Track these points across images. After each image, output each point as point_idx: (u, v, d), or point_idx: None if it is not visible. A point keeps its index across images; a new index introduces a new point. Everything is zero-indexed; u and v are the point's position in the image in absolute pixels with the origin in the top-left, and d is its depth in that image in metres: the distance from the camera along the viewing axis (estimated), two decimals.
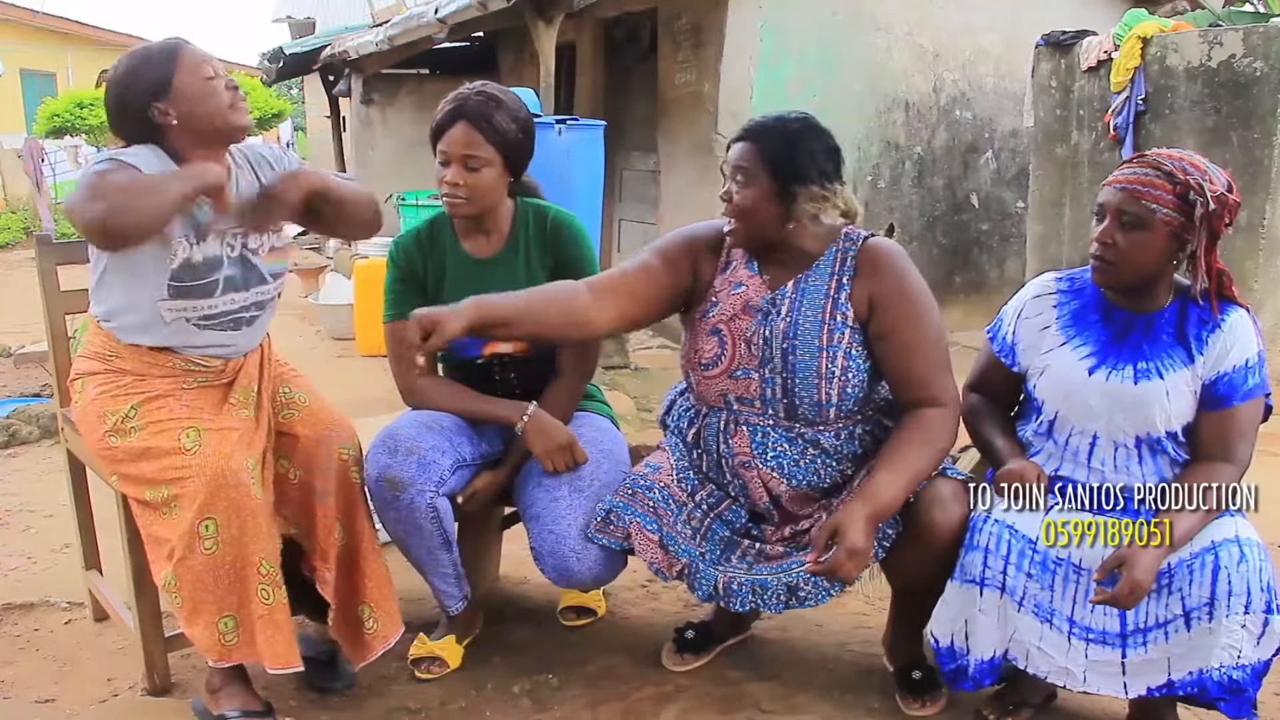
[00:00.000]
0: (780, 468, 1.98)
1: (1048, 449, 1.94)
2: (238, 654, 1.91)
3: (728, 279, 2.04)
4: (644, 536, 1.99)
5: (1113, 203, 1.79)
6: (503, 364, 2.24)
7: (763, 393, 1.97)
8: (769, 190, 1.89)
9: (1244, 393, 1.80)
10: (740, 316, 1.99)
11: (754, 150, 1.91)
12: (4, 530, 3.12)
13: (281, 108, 16.61)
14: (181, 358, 2.02)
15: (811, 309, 1.95)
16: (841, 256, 1.97)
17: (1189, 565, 1.74)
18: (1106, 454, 1.87)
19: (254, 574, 1.88)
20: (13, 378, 5.24)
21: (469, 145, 2.09)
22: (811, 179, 1.89)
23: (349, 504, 2.07)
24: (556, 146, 4.55)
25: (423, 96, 8.69)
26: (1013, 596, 1.82)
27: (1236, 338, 1.81)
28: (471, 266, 2.22)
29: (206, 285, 1.97)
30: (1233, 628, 1.69)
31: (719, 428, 2.03)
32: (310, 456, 2.06)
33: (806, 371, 1.93)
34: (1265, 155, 3.94)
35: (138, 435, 1.94)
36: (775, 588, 1.92)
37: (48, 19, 17.79)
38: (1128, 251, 1.78)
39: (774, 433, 1.98)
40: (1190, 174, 1.75)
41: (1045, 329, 1.94)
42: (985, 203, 6.09)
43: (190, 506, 1.85)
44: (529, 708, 2.10)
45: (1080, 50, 4.86)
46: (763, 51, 5.36)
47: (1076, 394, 1.87)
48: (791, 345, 1.94)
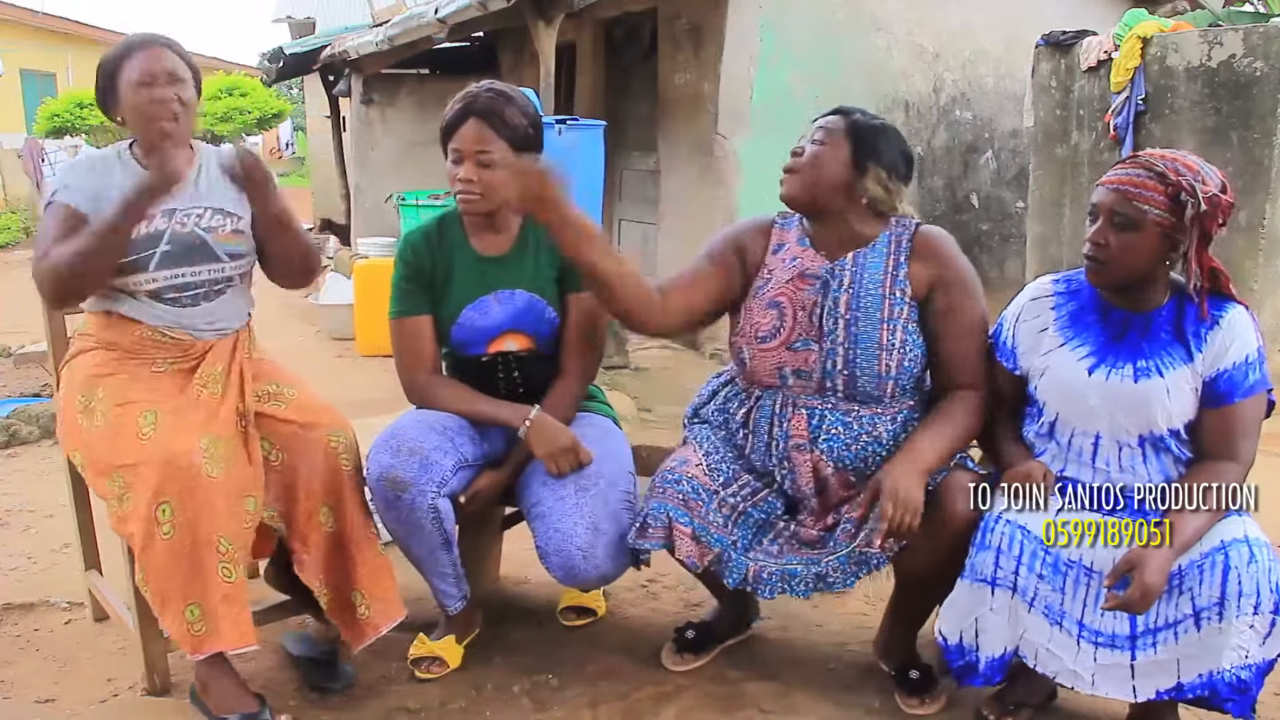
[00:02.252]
0: (831, 451, 2.00)
1: (1051, 450, 1.94)
2: (208, 644, 1.91)
3: (780, 256, 2.09)
4: (678, 530, 1.99)
5: (1105, 203, 1.80)
6: (507, 362, 2.24)
7: (823, 365, 1.99)
8: (844, 155, 1.98)
9: (1245, 389, 1.80)
10: (798, 284, 2.03)
11: (844, 121, 2.00)
12: (4, 530, 3.12)
13: (281, 108, 16.63)
14: (149, 328, 2.07)
15: (872, 283, 2.00)
16: (896, 240, 2.03)
17: (1199, 565, 1.73)
18: (1111, 454, 1.87)
19: (212, 553, 1.89)
20: (13, 378, 5.25)
21: (481, 141, 2.09)
22: (884, 164, 1.99)
23: (335, 489, 2.08)
24: (556, 146, 4.55)
25: (423, 96, 8.68)
26: (1024, 597, 1.82)
27: (1235, 334, 1.81)
28: (480, 264, 2.22)
29: (141, 259, 2.02)
30: (1241, 628, 1.69)
31: (774, 410, 2.04)
32: (294, 439, 2.08)
33: (869, 343, 1.97)
34: (1265, 155, 3.93)
35: (102, 417, 1.98)
36: (804, 575, 1.95)
37: (48, 19, 17.79)
38: (1120, 252, 1.79)
39: (830, 415, 2.00)
40: (1182, 175, 1.75)
41: (1044, 331, 1.94)
42: (985, 203, 6.09)
43: (144, 492, 1.87)
44: (529, 708, 2.10)
45: (1080, 50, 4.86)
46: (763, 51, 5.36)
47: (1077, 394, 1.87)
48: (854, 316, 1.98)
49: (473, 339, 2.21)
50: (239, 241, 2.14)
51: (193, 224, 2.08)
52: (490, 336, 2.21)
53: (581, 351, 2.24)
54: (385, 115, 8.95)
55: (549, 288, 2.21)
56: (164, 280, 2.05)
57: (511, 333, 2.21)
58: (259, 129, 16.97)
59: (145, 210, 1.94)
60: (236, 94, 15.79)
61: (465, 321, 2.19)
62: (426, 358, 2.22)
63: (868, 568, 1.93)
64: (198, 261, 2.08)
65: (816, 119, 2.05)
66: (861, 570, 1.93)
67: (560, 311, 2.22)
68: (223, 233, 2.11)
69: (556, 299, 2.22)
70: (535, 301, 2.20)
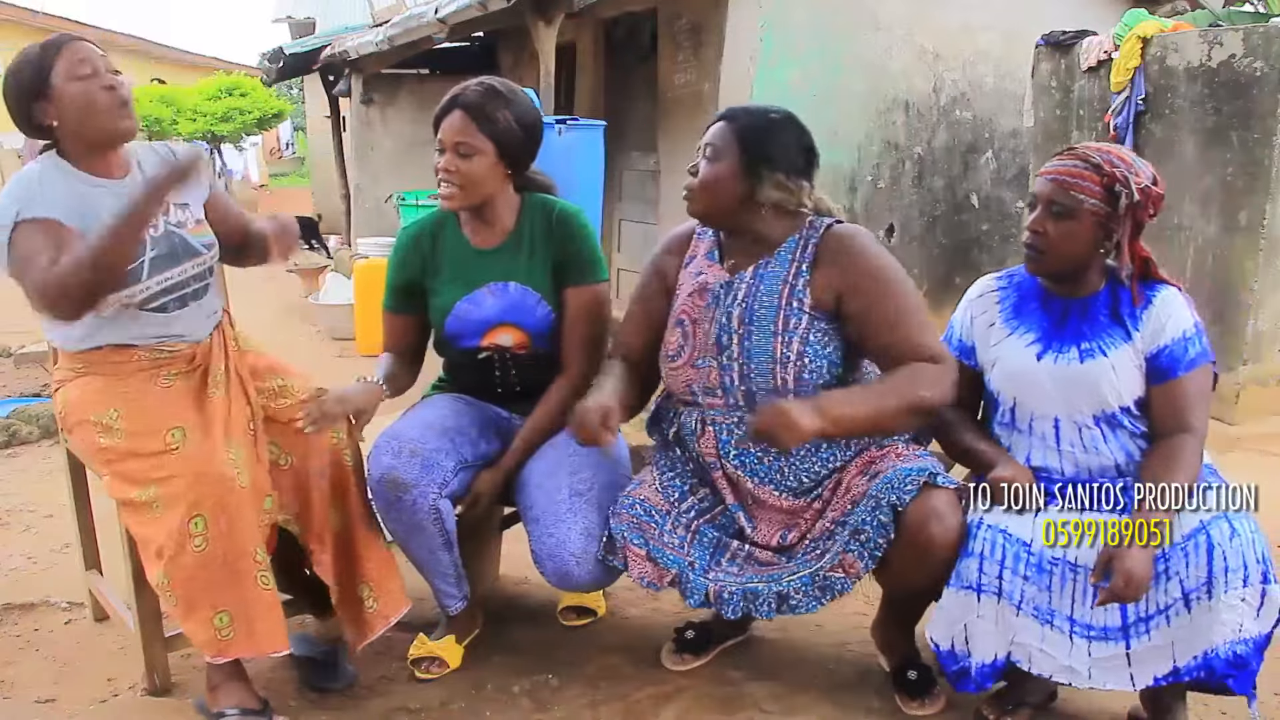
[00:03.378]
0: (744, 465, 1.99)
1: (1016, 439, 1.98)
2: (234, 649, 1.91)
3: (690, 270, 2.08)
4: (632, 552, 2.00)
5: (1044, 193, 1.89)
6: (503, 360, 2.24)
7: (722, 380, 1.98)
8: (735, 167, 1.94)
9: (1187, 363, 1.86)
10: (696, 300, 2.03)
11: (728, 129, 1.96)
12: (4, 530, 3.12)
13: (281, 108, 16.59)
14: (146, 349, 2.03)
15: (768, 294, 1.97)
16: (803, 244, 1.98)
17: (1182, 548, 1.75)
18: (1072, 435, 1.92)
19: (250, 563, 1.89)
20: (13, 378, 5.25)
21: (462, 132, 2.10)
22: (779, 167, 1.94)
23: (341, 485, 2.09)
24: (556, 146, 4.55)
25: (423, 96, 8.67)
26: (1010, 600, 1.82)
27: (1170, 312, 1.87)
28: (474, 256, 2.22)
29: (132, 272, 1.97)
30: (1232, 602, 1.71)
31: (691, 427, 2.04)
32: (300, 441, 2.07)
33: (762, 356, 1.94)
34: (1265, 155, 3.92)
35: (124, 436, 1.95)
36: (766, 595, 1.92)
37: (48, 19, 17.77)
38: (1057, 240, 1.87)
39: (738, 430, 1.98)
40: (1117, 166, 1.84)
41: (991, 325, 2.02)
42: (985, 203, 6.08)
43: (177, 505, 1.86)
44: (529, 708, 2.10)
45: (1080, 50, 4.85)
46: (763, 51, 5.36)
47: (1028, 379, 1.93)
48: (747, 331, 1.96)
49: (465, 330, 2.21)
50: (205, 231, 2.13)
51: (164, 224, 2.05)
52: (482, 329, 2.21)
53: (581, 347, 2.23)
54: (385, 115, 8.95)
55: (542, 281, 2.21)
56: (157, 286, 2.02)
57: (504, 325, 2.21)
58: (259, 129, 16.94)
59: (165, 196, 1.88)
60: (236, 94, 15.76)
61: (459, 313, 2.20)
62: (394, 343, 2.32)
63: (831, 593, 1.88)
64: (183, 259, 2.06)
65: (708, 124, 2.00)
66: (825, 596, 1.88)
67: (556, 305, 2.22)
68: (190, 225, 2.10)
69: (551, 292, 2.21)
70: (527, 294, 2.20)
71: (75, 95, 1.94)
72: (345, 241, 9.58)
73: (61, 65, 1.94)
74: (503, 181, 2.18)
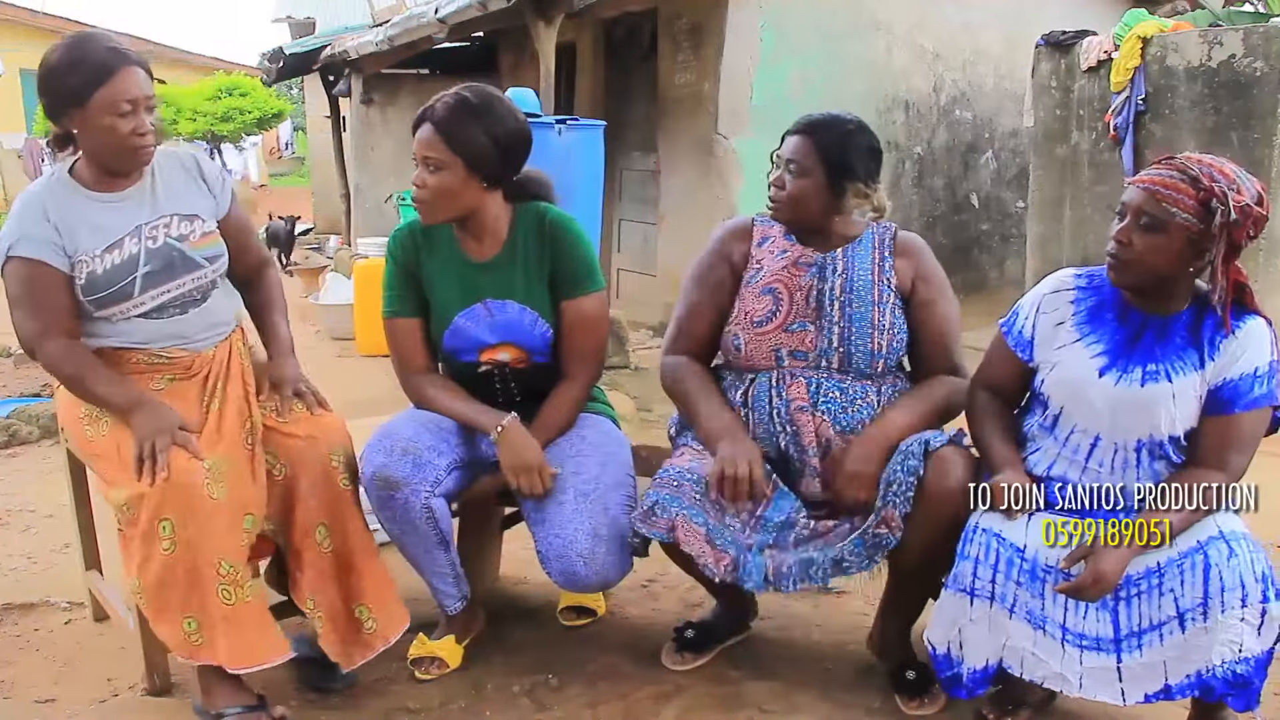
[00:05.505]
0: (830, 413, 2.06)
1: (1047, 445, 1.93)
2: (204, 654, 1.91)
3: (767, 249, 2.17)
4: (689, 529, 1.96)
5: (1134, 202, 1.76)
6: (503, 373, 2.23)
7: (819, 344, 2.08)
8: (820, 183, 2.08)
9: (1248, 401, 1.78)
10: (793, 271, 2.13)
11: (809, 144, 2.08)
12: (4, 530, 3.12)
13: (281, 108, 16.60)
14: (143, 353, 2.04)
15: (863, 270, 2.13)
16: (880, 238, 2.17)
17: (1179, 565, 1.73)
18: (1105, 456, 1.86)
19: (212, 575, 1.89)
20: (13, 378, 5.24)
21: (429, 147, 2.07)
22: (859, 177, 2.09)
23: (334, 508, 2.07)
24: (556, 146, 4.55)
25: (423, 96, 8.56)
26: (1003, 604, 1.81)
27: (1249, 344, 1.78)
28: (467, 269, 2.20)
29: (123, 288, 1.98)
30: (1231, 623, 1.68)
31: (771, 384, 2.10)
32: (298, 454, 2.06)
33: (863, 323, 2.09)
34: (1265, 155, 3.93)
35: (108, 426, 1.98)
36: (821, 562, 1.97)
37: (48, 19, 17.76)
38: (1142, 253, 1.75)
39: (826, 383, 2.08)
40: (1216, 181, 1.70)
41: (1060, 324, 1.92)
42: (985, 203, 6.09)
43: (146, 508, 1.87)
44: (529, 708, 2.10)
45: (1080, 50, 4.86)
46: (763, 51, 5.37)
47: (1083, 393, 1.86)
48: (848, 299, 2.10)
49: (465, 346, 2.20)
50: (212, 242, 2.10)
51: (164, 237, 2.03)
52: (482, 346, 2.19)
53: (582, 356, 2.21)
54: (385, 115, 8.95)
55: (541, 298, 2.18)
56: (151, 302, 2.02)
57: (504, 344, 2.19)
58: (259, 129, 16.95)
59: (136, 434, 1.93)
60: (236, 94, 15.77)
61: (457, 328, 2.18)
62: (416, 357, 2.23)
63: (880, 550, 1.93)
64: (180, 274, 2.04)
65: (785, 134, 2.12)
66: (876, 554, 1.94)
67: (554, 320, 2.19)
68: (195, 239, 2.07)
69: (549, 309, 2.19)
70: (525, 313, 2.18)
71: (105, 128, 1.92)
72: (345, 241, 9.58)
73: (107, 91, 1.89)
74: (480, 194, 2.12)
